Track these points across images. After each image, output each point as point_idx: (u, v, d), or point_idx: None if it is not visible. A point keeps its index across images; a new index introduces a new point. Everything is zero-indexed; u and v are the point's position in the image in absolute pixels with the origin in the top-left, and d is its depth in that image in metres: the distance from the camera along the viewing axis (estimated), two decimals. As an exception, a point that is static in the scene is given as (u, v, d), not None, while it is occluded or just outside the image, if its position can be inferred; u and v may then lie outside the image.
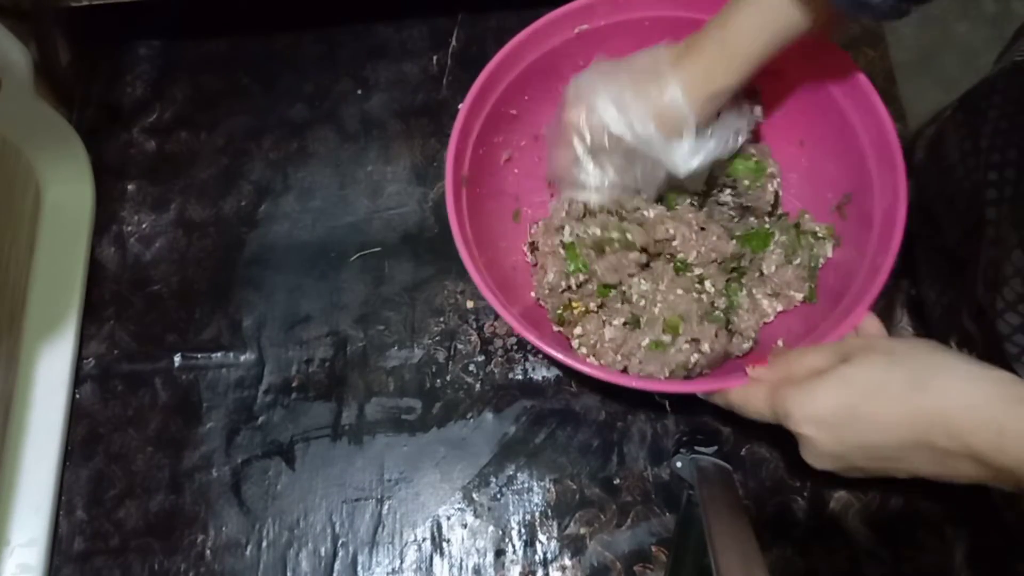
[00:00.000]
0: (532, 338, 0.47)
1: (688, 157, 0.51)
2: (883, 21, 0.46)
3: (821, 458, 0.42)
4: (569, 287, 0.56)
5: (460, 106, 0.53)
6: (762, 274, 0.57)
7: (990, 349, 0.49)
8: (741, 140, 0.54)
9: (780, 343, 0.53)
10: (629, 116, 0.50)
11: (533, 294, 0.58)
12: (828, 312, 0.51)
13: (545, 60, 0.56)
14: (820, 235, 0.56)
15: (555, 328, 0.57)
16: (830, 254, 0.55)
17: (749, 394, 0.45)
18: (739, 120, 0.53)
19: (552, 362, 0.60)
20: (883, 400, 0.39)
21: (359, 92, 0.70)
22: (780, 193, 0.59)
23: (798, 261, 0.56)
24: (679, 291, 0.55)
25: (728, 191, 0.59)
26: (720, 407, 0.48)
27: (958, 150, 0.53)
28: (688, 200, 0.59)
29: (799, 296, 0.56)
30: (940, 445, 0.37)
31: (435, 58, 0.71)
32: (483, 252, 0.53)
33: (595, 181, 0.55)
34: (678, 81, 0.48)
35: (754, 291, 0.57)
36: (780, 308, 0.56)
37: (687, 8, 0.54)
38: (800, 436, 0.42)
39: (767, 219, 0.59)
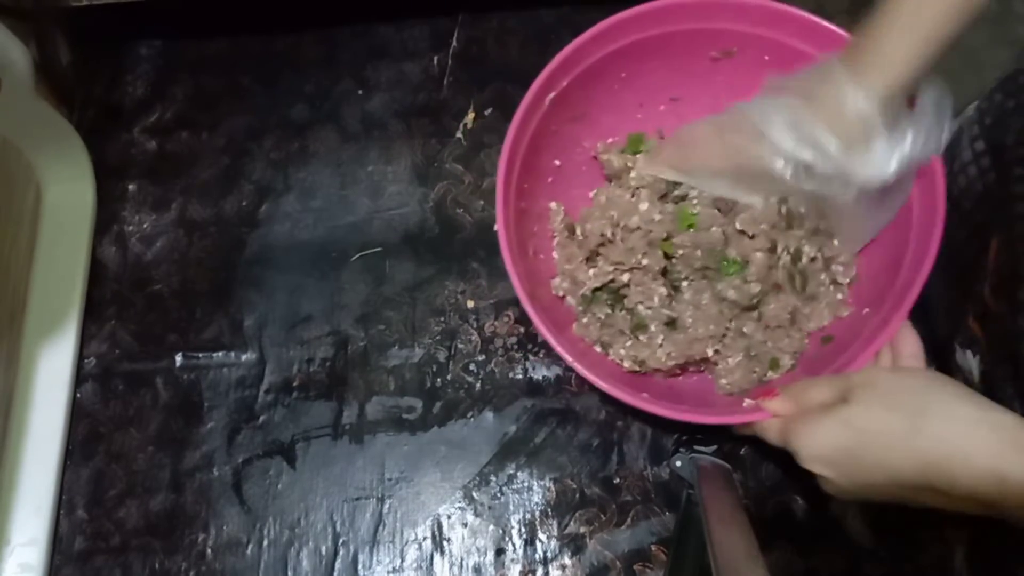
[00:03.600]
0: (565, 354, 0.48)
1: (883, 162, 0.45)
2: None
3: (836, 491, 0.43)
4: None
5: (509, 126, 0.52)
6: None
7: (994, 351, 0.49)
8: (947, 137, 0.47)
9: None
10: (810, 136, 0.45)
11: (555, 286, 0.57)
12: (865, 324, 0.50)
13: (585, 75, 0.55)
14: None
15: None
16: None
17: (765, 428, 0.47)
18: (940, 114, 0.47)
19: (553, 361, 0.60)
20: (882, 445, 0.39)
21: (360, 92, 0.70)
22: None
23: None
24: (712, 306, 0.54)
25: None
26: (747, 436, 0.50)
27: (970, 150, 0.53)
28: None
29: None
30: (943, 489, 0.38)
31: (436, 58, 0.71)
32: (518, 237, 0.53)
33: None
34: (853, 78, 0.44)
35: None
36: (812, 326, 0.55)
37: (734, 22, 0.53)
38: (812, 471, 0.43)
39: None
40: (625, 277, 0.55)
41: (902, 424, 0.39)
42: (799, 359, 0.54)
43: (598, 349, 0.56)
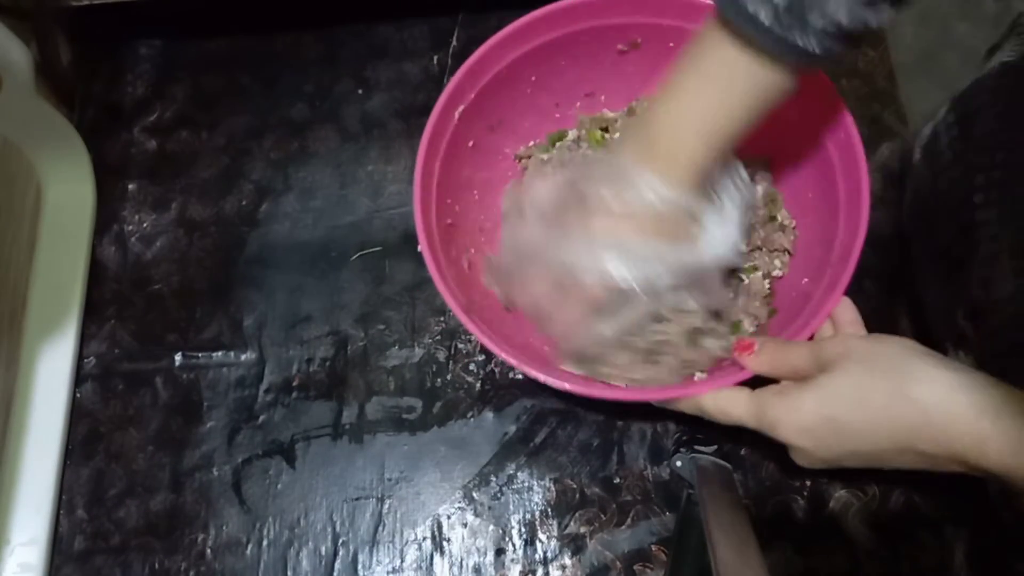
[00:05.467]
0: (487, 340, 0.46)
1: (726, 240, 0.47)
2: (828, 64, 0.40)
3: (812, 462, 0.43)
4: None
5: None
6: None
7: (983, 348, 0.49)
8: (756, 187, 0.48)
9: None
10: (639, 263, 0.44)
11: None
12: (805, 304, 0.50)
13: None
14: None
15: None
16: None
17: (727, 403, 0.44)
18: (734, 171, 0.48)
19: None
20: (865, 412, 0.39)
21: (360, 92, 0.70)
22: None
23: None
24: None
25: None
26: (685, 414, 0.47)
27: (950, 151, 0.53)
28: None
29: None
30: (925, 451, 0.38)
31: (436, 58, 0.71)
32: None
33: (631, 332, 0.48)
34: (659, 179, 0.43)
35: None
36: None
37: (634, 15, 0.53)
38: (789, 445, 0.43)
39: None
40: None
41: (885, 390, 0.39)
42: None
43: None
